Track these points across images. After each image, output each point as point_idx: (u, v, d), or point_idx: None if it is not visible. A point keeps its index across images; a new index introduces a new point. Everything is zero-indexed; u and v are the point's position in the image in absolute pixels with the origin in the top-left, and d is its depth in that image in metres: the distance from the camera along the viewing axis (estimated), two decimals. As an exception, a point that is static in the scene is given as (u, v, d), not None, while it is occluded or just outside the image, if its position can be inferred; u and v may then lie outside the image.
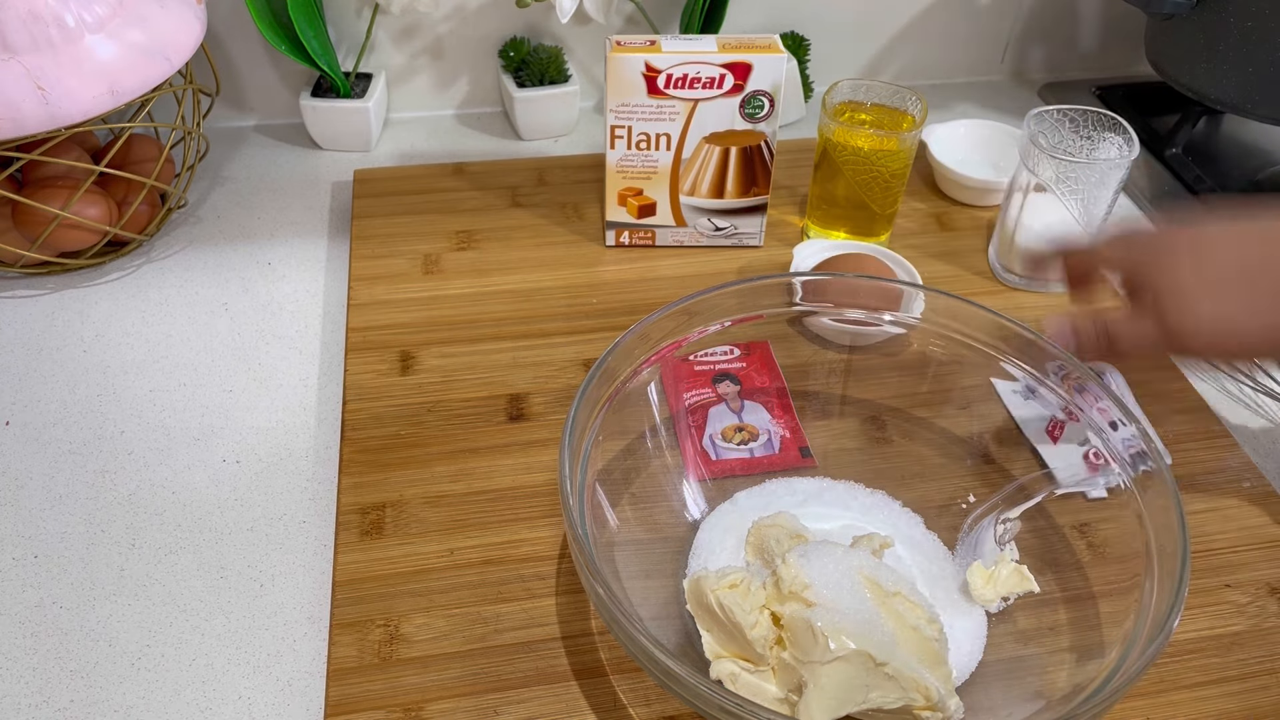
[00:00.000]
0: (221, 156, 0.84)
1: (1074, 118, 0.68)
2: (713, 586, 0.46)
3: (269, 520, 0.56)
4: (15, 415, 0.61)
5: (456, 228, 0.75)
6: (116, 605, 0.52)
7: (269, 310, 0.69)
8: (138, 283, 0.71)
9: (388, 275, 0.71)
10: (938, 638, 0.45)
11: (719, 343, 0.57)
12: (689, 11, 0.82)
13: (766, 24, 0.89)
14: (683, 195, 0.70)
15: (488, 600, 0.51)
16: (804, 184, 0.80)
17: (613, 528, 0.51)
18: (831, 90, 0.70)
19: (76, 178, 0.69)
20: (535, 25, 0.86)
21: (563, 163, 0.82)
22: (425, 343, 0.66)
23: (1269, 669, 0.50)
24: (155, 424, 0.61)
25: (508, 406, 0.62)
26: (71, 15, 0.61)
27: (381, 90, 0.85)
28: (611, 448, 0.53)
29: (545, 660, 0.49)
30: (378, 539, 0.54)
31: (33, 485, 0.57)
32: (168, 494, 0.57)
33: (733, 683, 0.45)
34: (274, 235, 0.76)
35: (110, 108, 0.62)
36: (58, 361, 0.65)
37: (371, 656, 0.49)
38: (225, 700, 0.48)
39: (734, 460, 0.57)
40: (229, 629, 0.51)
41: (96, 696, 0.48)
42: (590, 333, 0.67)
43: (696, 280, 0.71)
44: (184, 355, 0.66)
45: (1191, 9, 0.77)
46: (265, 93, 0.86)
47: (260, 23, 0.75)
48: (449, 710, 0.47)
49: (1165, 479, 0.46)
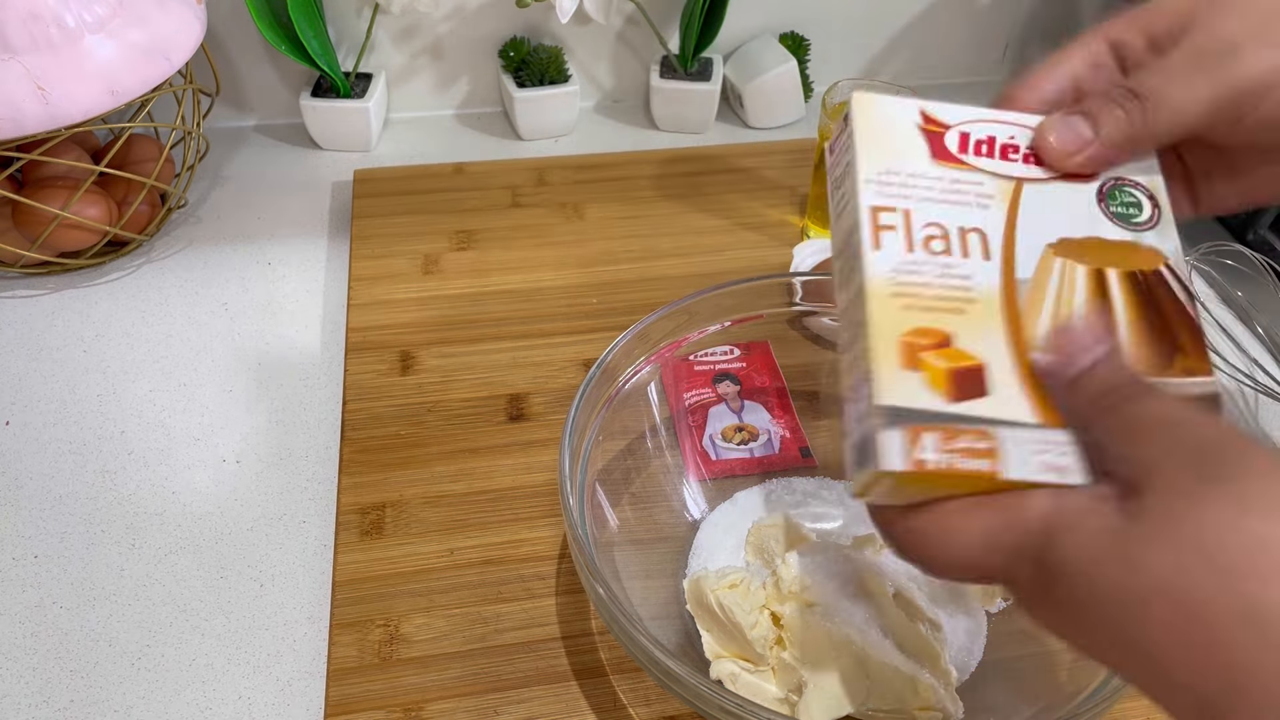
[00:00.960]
0: (221, 156, 0.84)
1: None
2: (713, 586, 0.46)
3: (269, 520, 0.56)
4: (15, 415, 0.61)
5: (456, 228, 0.75)
6: (116, 605, 0.52)
7: (269, 310, 0.69)
8: (138, 283, 0.71)
9: (388, 275, 0.71)
10: (937, 638, 0.45)
11: (719, 343, 0.57)
12: (689, 12, 0.82)
13: (766, 24, 0.89)
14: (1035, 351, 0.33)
15: (488, 600, 0.51)
16: (804, 184, 0.80)
17: (613, 528, 0.51)
18: (831, 90, 0.70)
19: (76, 178, 0.69)
20: (535, 25, 0.86)
21: (563, 163, 0.82)
22: (425, 343, 0.66)
23: (1269, 669, 0.50)
24: (155, 424, 0.61)
25: (508, 406, 0.62)
26: (71, 15, 0.61)
27: (381, 90, 0.85)
28: (611, 448, 0.53)
29: (545, 660, 0.49)
30: (378, 539, 0.54)
31: (33, 485, 0.57)
32: (168, 494, 0.57)
33: (733, 683, 0.45)
34: (274, 235, 0.76)
35: (110, 108, 0.62)
36: (58, 361, 0.65)
37: (371, 656, 0.49)
38: (225, 700, 0.48)
39: (734, 460, 0.57)
40: (229, 629, 0.51)
41: (96, 696, 0.48)
42: (590, 333, 0.67)
43: (696, 280, 0.71)
44: (184, 355, 0.66)
45: (1191, 9, 0.77)
46: (265, 93, 0.86)
47: (260, 23, 0.75)
48: (449, 710, 0.47)
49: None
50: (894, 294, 0.32)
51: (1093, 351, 0.29)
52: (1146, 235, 0.35)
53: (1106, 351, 0.29)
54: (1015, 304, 0.33)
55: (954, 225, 0.34)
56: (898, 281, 0.32)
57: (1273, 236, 0.79)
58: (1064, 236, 0.34)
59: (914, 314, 0.32)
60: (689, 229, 0.76)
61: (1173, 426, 0.26)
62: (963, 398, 0.31)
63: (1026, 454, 0.30)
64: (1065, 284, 0.33)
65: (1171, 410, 0.27)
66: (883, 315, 0.32)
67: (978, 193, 0.34)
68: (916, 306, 0.32)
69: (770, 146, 0.85)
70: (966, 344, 0.32)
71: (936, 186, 0.34)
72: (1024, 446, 0.30)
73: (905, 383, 0.31)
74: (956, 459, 0.29)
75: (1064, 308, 0.33)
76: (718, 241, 0.75)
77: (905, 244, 0.33)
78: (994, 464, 0.29)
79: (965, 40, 0.95)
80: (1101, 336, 0.30)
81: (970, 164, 0.35)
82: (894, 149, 0.35)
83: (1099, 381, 0.29)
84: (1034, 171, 0.35)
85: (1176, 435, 0.26)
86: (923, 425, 0.30)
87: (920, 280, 0.32)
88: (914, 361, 0.31)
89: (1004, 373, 0.31)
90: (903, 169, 0.34)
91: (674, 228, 0.76)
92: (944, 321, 0.32)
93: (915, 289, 0.32)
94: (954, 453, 0.29)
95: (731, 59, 0.90)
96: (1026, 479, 0.29)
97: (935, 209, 0.34)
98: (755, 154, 0.84)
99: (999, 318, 0.32)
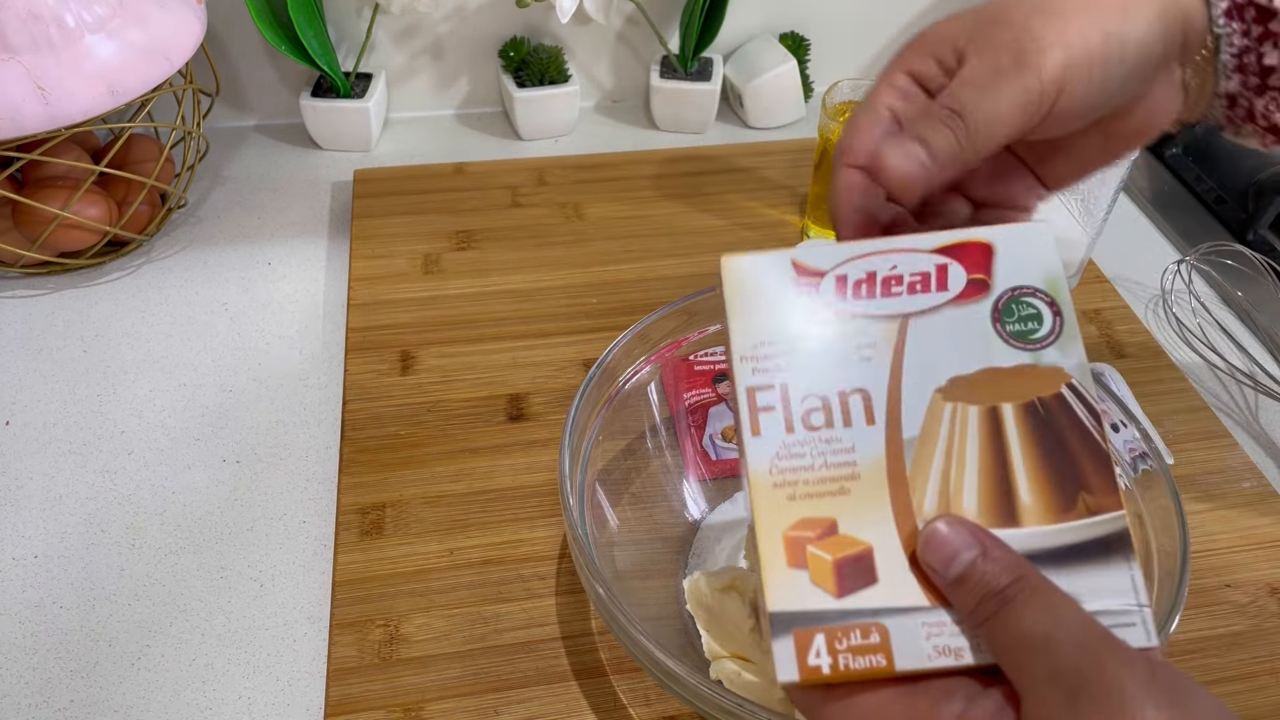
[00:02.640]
0: (221, 156, 0.84)
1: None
2: (713, 586, 0.46)
3: (269, 520, 0.56)
4: (15, 415, 0.61)
5: (456, 228, 0.75)
6: (116, 605, 0.52)
7: (269, 310, 0.69)
8: (138, 283, 0.71)
9: (388, 275, 0.71)
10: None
11: (719, 343, 0.57)
12: (689, 11, 0.82)
13: (766, 24, 0.89)
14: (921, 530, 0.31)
15: (488, 600, 0.51)
16: (804, 184, 0.80)
17: (613, 528, 0.51)
18: (831, 90, 0.70)
19: (76, 178, 0.69)
20: (535, 25, 0.86)
21: (563, 163, 0.82)
22: (425, 343, 0.66)
23: (1269, 669, 0.50)
24: (155, 424, 0.61)
25: (508, 406, 0.62)
26: (71, 15, 0.61)
27: (381, 90, 0.85)
28: (611, 448, 0.53)
29: (545, 660, 0.49)
30: (378, 539, 0.54)
31: (33, 485, 0.57)
32: (168, 494, 0.57)
33: (733, 683, 0.45)
34: (274, 235, 0.76)
35: (110, 108, 0.62)
36: (58, 361, 0.65)
37: (371, 656, 0.49)
38: (225, 700, 0.48)
39: (734, 460, 0.57)
40: (229, 629, 0.51)
41: (96, 696, 0.48)
42: (590, 333, 0.67)
43: (696, 280, 0.71)
44: (184, 355, 0.66)
45: (1191, 9, 0.77)
46: (265, 93, 0.86)
47: (260, 23, 0.75)
48: (449, 710, 0.47)
49: (1165, 479, 0.46)
50: (776, 484, 0.31)
51: (962, 557, 0.29)
52: (1047, 353, 0.32)
53: (975, 557, 0.29)
54: (902, 472, 0.31)
55: (834, 391, 0.32)
56: (779, 469, 0.31)
57: (1273, 236, 0.79)
58: (954, 375, 0.32)
59: (797, 504, 0.31)
60: (689, 229, 0.76)
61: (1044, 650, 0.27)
62: (852, 589, 0.30)
63: (919, 640, 0.29)
64: (956, 434, 0.32)
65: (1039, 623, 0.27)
66: (768, 510, 0.31)
67: (860, 344, 0.32)
68: (800, 495, 0.31)
69: (770, 146, 0.85)
70: (852, 528, 0.30)
71: (816, 348, 0.32)
72: (916, 633, 0.29)
73: (793, 583, 0.30)
74: (849, 658, 0.29)
75: (954, 464, 0.31)
76: (718, 241, 0.75)
77: (784, 424, 0.32)
78: (886, 658, 0.29)
79: (965, 40, 0.95)
80: (969, 541, 0.29)
81: (851, 312, 0.33)
82: (770, 312, 0.33)
83: (974, 587, 0.29)
84: (920, 302, 0.33)
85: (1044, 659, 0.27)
86: (812, 627, 0.29)
87: (803, 464, 0.31)
88: (799, 558, 0.30)
89: (891, 553, 0.30)
90: (779, 335, 0.32)
91: (674, 228, 0.76)
92: (828, 507, 0.31)
93: (797, 475, 0.31)
94: (845, 652, 0.29)
95: (731, 59, 0.90)
96: (924, 668, 0.29)
97: (813, 377, 0.32)
98: (755, 154, 0.84)
99: (884, 492, 0.31)
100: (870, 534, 0.30)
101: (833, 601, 0.29)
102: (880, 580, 0.30)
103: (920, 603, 0.30)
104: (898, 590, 0.30)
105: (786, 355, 0.32)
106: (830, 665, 0.29)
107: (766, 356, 0.32)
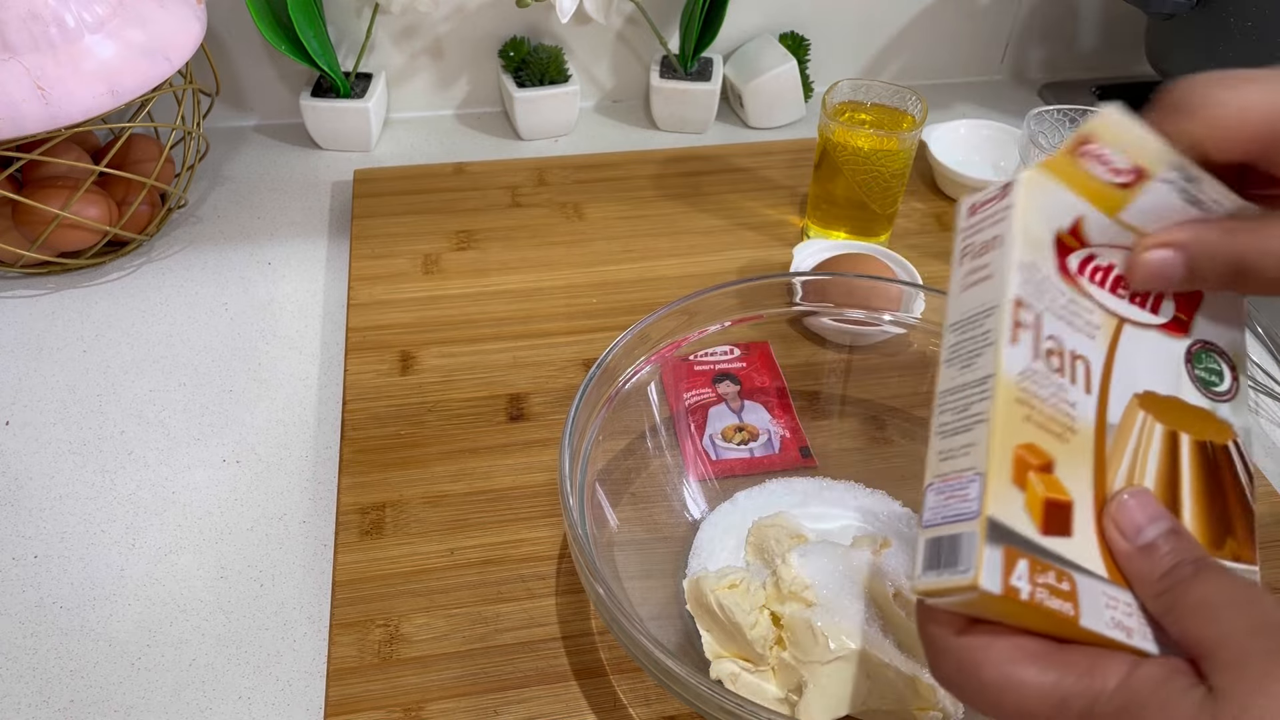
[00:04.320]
0: (221, 156, 0.84)
1: (1074, 118, 0.68)
2: (713, 586, 0.46)
3: (269, 520, 0.56)
4: (15, 415, 0.61)
5: (456, 228, 0.75)
6: (116, 605, 0.52)
7: (269, 310, 0.69)
8: (138, 283, 0.71)
9: (388, 275, 0.71)
10: (938, 638, 0.45)
11: (719, 343, 0.57)
12: (688, 11, 0.82)
13: (766, 24, 0.89)
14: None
15: (488, 600, 0.51)
16: (804, 184, 0.80)
17: (613, 528, 0.51)
18: (831, 90, 0.70)
19: (76, 178, 0.69)
20: (535, 25, 0.86)
21: (563, 163, 0.82)
22: (425, 343, 0.66)
23: (1269, 669, 0.50)
24: (155, 424, 0.61)
25: (508, 406, 0.62)
26: (71, 15, 0.61)
27: (381, 90, 0.85)
28: (611, 448, 0.53)
29: (545, 660, 0.49)
30: (378, 539, 0.54)
31: (33, 485, 0.57)
32: (168, 494, 0.57)
33: (733, 683, 0.45)
34: (274, 235, 0.76)
35: (110, 108, 0.62)
36: (58, 361, 0.65)
37: (371, 656, 0.49)
38: (225, 700, 0.48)
39: (734, 460, 0.57)
40: (229, 629, 0.51)
41: (96, 696, 0.48)
42: (590, 333, 0.67)
43: (696, 280, 0.71)
44: (184, 355, 0.66)
45: (1191, 9, 0.77)
46: (265, 93, 0.86)
47: (260, 23, 0.75)
48: (449, 710, 0.47)
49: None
50: (1018, 399, 0.30)
51: (1147, 531, 0.29)
52: (1222, 407, 0.35)
53: (1161, 532, 0.29)
54: (1103, 448, 0.32)
55: (1068, 346, 0.32)
56: (1023, 387, 0.31)
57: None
58: (1150, 390, 0.33)
59: (1030, 428, 0.30)
60: (689, 229, 0.76)
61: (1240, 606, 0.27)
62: (1051, 532, 0.29)
63: (1099, 606, 0.29)
64: (1144, 440, 0.33)
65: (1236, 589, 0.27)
66: (1007, 419, 0.30)
67: (1088, 320, 0.33)
68: (1034, 420, 0.30)
69: (770, 146, 0.85)
70: (1063, 476, 0.30)
71: (1060, 300, 0.32)
72: (1098, 599, 0.29)
73: (1011, 500, 0.29)
74: (1044, 594, 0.28)
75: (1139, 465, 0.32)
76: (718, 241, 0.75)
77: (1032, 350, 0.31)
78: (1074, 609, 0.29)
79: (965, 40, 0.95)
80: (1156, 515, 0.30)
81: (1084, 289, 0.33)
82: (1036, 244, 0.32)
83: (1165, 555, 0.29)
84: (1136, 313, 0.34)
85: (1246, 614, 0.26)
86: (1018, 550, 0.29)
87: (1040, 393, 0.31)
88: (1021, 479, 0.30)
89: (1085, 517, 0.30)
90: (1041, 269, 0.32)
91: (674, 228, 0.76)
92: (1051, 445, 0.31)
93: (1036, 401, 0.31)
94: (1041, 587, 0.28)
95: (731, 59, 0.90)
96: (1101, 632, 0.29)
97: (1056, 324, 0.32)
98: (755, 154, 0.84)
99: (1090, 458, 0.31)
100: (1074, 489, 0.30)
101: (1037, 535, 0.29)
102: (1073, 537, 0.30)
103: (1102, 572, 0.30)
104: (1086, 552, 0.30)
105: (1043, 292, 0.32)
106: (1029, 593, 0.28)
107: (1031, 281, 0.32)
